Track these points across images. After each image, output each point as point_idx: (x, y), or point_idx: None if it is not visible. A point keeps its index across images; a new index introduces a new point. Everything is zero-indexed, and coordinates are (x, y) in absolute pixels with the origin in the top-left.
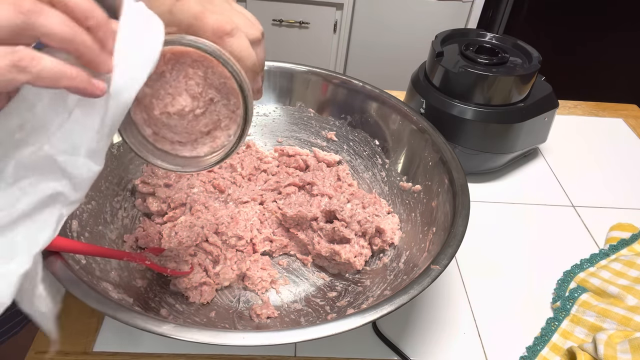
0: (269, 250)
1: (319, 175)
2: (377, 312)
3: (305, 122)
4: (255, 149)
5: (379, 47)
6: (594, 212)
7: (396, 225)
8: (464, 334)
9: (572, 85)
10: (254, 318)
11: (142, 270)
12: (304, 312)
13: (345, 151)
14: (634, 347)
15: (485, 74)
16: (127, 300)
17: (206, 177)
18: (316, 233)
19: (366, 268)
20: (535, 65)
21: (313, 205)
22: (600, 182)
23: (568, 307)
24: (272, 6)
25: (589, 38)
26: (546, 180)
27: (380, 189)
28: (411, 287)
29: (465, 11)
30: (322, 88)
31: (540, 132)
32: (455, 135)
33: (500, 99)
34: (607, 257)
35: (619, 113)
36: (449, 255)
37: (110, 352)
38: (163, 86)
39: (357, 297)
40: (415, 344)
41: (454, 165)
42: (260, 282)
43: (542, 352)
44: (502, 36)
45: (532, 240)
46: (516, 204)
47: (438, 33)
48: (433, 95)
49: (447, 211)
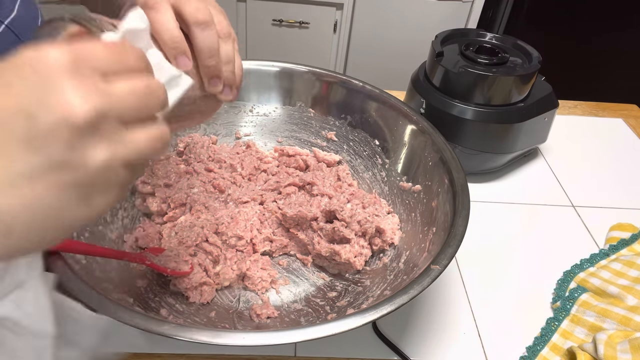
0: (269, 250)
1: (319, 175)
2: (377, 312)
3: (305, 122)
4: (255, 149)
5: (379, 47)
6: (594, 212)
7: (396, 225)
8: (464, 334)
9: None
10: (254, 318)
11: (142, 270)
12: (304, 312)
13: (345, 151)
14: (634, 347)
15: (485, 74)
16: (127, 300)
17: (206, 177)
18: (316, 233)
19: (366, 268)
20: (535, 65)
21: (313, 205)
22: (600, 182)
23: (568, 307)
24: (272, 6)
25: (589, 38)
26: (546, 180)
27: (380, 189)
28: (411, 287)
29: (465, 11)
30: (322, 88)
31: (540, 132)
32: (455, 135)
33: (500, 99)
34: (607, 257)
35: (619, 113)
36: (449, 255)
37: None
38: None
39: (357, 297)
40: (415, 344)
41: (454, 165)
42: (260, 282)
43: (542, 352)
44: (502, 36)
45: (532, 240)
46: (516, 204)
47: (438, 33)
48: (433, 95)
49: (447, 211)
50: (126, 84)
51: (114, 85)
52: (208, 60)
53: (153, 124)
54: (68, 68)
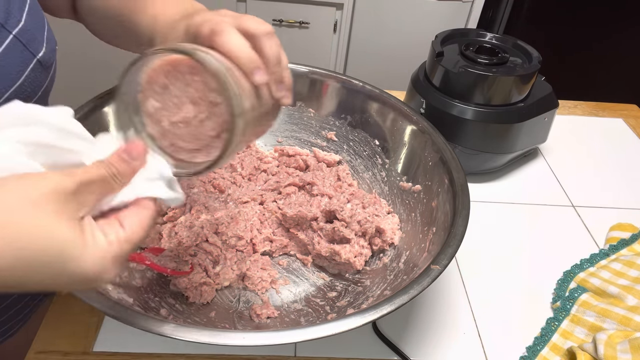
0: (269, 250)
1: (319, 175)
2: (377, 312)
3: (305, 122)
4: (255, 149)
5: (379, 47)
6: (594, 212)
7: (396, 225)
8: (464, 334)
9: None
10: (254, 318)
11: (142, 270)
12: (304, 312)
13: (345, 151)
14: (634, 347)
15: (485, 74)
16: (127, 300)
17: (206, 177)
18: (316, 233)
19: (366, 268)
20: (535, 65)
21: (313, 205)
22: (600, 182)
23: (568, 307)
24: (272, 6)
25: (589, 38)
26: (546, 180)
27: (380, 189)
28: (411, 287)
29: (465, 11)
30: (322, 88)
31: (540, 132)
32: (455, 135)
33: (500, 99)
34: (607, 257)
35: (619, 113)
36: (449, 255)
37: (110, 352)
38: (169, 98)
39: (357, 297)
40: (415, 344)
41: (454, 165)
42: (260, 282)
43: (542, 352)
44: (502, 36)
45: (532, 241)
46: (516, 204)
47: (438, 33)
48: (433, 95)
49: (447, 211)
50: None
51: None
52: (276, 67)
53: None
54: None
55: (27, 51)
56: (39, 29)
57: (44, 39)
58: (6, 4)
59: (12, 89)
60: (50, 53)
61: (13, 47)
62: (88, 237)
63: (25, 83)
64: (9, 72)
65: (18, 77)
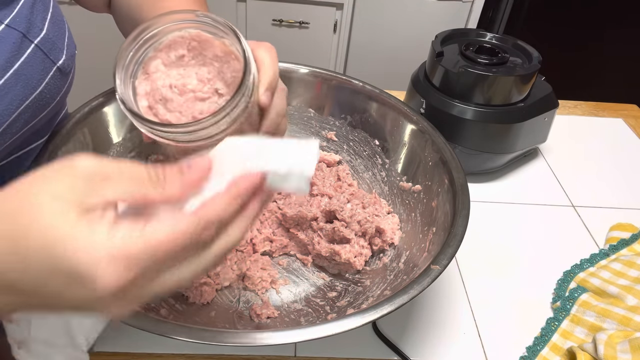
0: (269, 250)
1: (319, 175)
2: (377, 312)
3: (305, 122)
4: None
5: (379, 47)
6: (594, 212)
7: (396, 225)
8: (464, 334)
9: (572, 85)
10: (254, 318)
11: None
12: (304, 312)
13: (345, 151)
14: (634, 347)
15: (485, 74)
16: None
17: None
18: (316, 233)
19: (366, 268)
20: (535, 65)
21: (313, 205)
22: (600, 182)
23: (568, 307)
24: (272, 6)
25: (589, 38)
26: (546, 180)
27: (380, 189)
28: (411, 287)
29: (465, 11)
30: (322, 88)
31: (540, 132)
32: (455, 135)
33: (500, 99)
34: (607, 257)
35: (619, 113)
36: (449, 255)
37: (110, 352)
38: (177, 67)
39: (357, 297)
40: (415, 344)
41: (454, 165)
42: (260, 282)
43: (542, 352)
44: (502, 36)
45: (532, 240)
46: (516, 204)
47: (438, 33)
48: (433, 95)
49: (447, 211)
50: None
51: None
52: (278, 117)
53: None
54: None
55: (48, 59)
56: (60, 37)
57: (64, 46)
58: (29, 14)
59: (32, 96)
60: (70, 59)
61: (34, 56)
62: (82, 227)
63: (44, 90)
64: (30, 80)
65: (38, 85)
